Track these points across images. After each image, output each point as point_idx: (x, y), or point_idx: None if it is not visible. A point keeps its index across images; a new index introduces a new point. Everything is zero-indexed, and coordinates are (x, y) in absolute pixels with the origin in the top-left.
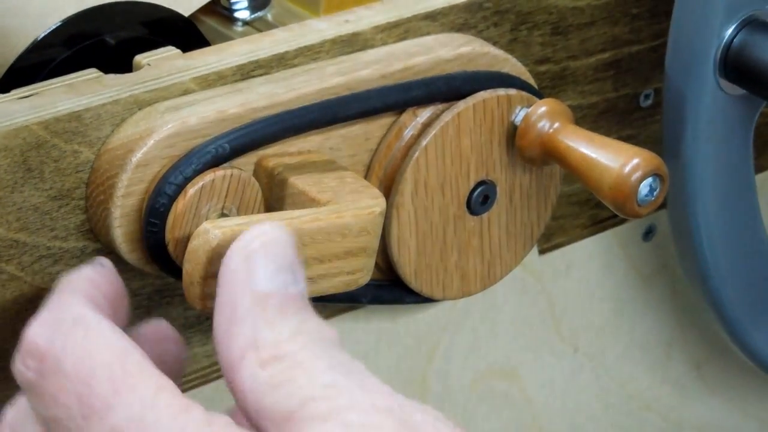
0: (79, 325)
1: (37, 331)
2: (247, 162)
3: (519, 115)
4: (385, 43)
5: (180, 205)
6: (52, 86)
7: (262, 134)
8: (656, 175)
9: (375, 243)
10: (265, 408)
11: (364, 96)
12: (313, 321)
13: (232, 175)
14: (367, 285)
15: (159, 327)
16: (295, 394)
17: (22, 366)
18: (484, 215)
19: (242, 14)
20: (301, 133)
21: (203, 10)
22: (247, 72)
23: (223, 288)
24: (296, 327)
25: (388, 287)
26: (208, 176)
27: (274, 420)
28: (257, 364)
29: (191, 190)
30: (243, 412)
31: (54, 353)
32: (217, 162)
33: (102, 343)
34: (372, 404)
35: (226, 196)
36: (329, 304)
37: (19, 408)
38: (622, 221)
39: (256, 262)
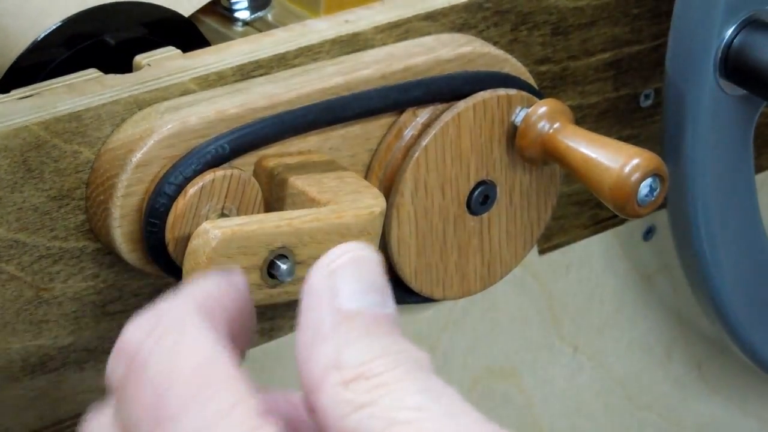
0: (174, 329)
1: (132, 333)
2: (247, 162)
3: (519, 115)
4: (385, 43)
5: (180, 205)
6: (52, 86)
7: (262, 134)
8: (656, 175)
9: (375, 243)
10: (346, 429)
11: (364, 96)
12: (403, 343)
13: (232, 175)
14: None
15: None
16: (379, 416)
17: (111, 365)
18: (484, 215)
19: (242, 14)
20: (301, 133)
21: (203, 10)
22: (247, 72)
23: (305, 307)
24: (384, 348)
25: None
26: (208, 176)
27: None
28: (339, 384)
29: (191, 190)
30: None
31: (142, 354)
32: (217, 162)
33: (192, 349)
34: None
35: (226, 196)
36: None
37: (102, 416)
38: (622, 221)
39: (340, 279)
